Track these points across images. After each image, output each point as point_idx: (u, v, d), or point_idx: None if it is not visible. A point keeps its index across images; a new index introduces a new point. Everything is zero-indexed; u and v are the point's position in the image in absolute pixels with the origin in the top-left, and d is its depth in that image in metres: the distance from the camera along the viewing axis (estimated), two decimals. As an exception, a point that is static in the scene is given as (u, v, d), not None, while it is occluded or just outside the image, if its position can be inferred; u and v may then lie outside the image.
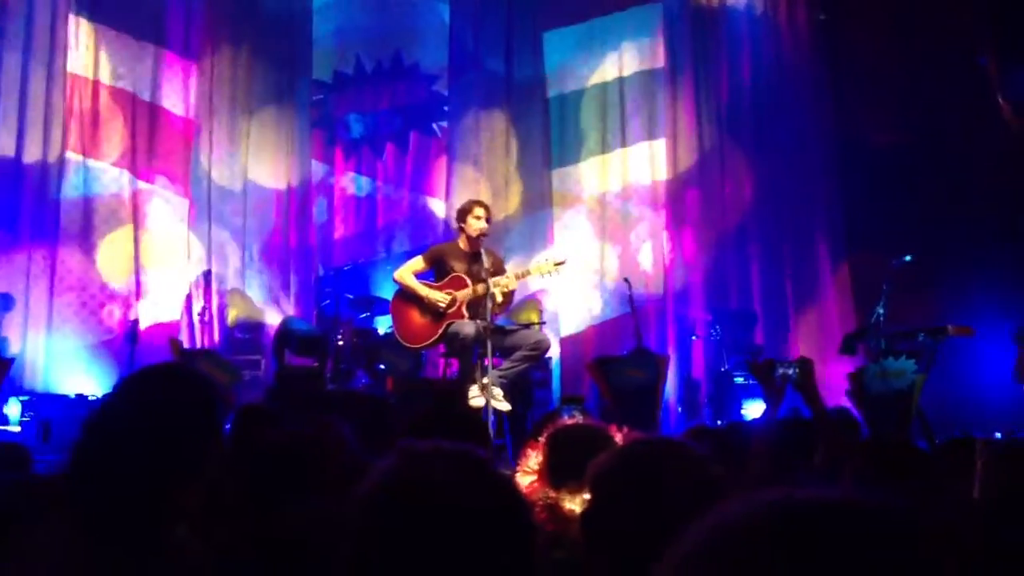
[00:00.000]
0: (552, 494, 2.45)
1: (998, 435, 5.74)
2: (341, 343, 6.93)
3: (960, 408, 6.86)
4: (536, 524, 1.42)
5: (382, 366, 6.64)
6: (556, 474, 2.59)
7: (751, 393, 7.05)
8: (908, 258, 6.54)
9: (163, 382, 1.86)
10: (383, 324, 7.14)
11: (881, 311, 6.33)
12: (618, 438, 2.69)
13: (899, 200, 7.83)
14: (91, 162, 7.72)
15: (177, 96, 8.07)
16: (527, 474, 2.71)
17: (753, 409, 6.83)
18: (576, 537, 2.00)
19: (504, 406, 5.53)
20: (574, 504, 2.29)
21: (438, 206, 8.42)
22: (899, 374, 5.77)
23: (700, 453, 2.07)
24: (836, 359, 7.12)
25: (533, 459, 2.65)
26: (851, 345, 6.70)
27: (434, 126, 8.69)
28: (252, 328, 7.64)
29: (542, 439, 2.61)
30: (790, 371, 2.97)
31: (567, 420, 2.72)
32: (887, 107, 8.25)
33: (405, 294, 5.93)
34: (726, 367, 7.50)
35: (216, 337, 7.55)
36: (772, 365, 3.14)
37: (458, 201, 7.02)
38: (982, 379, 7.32)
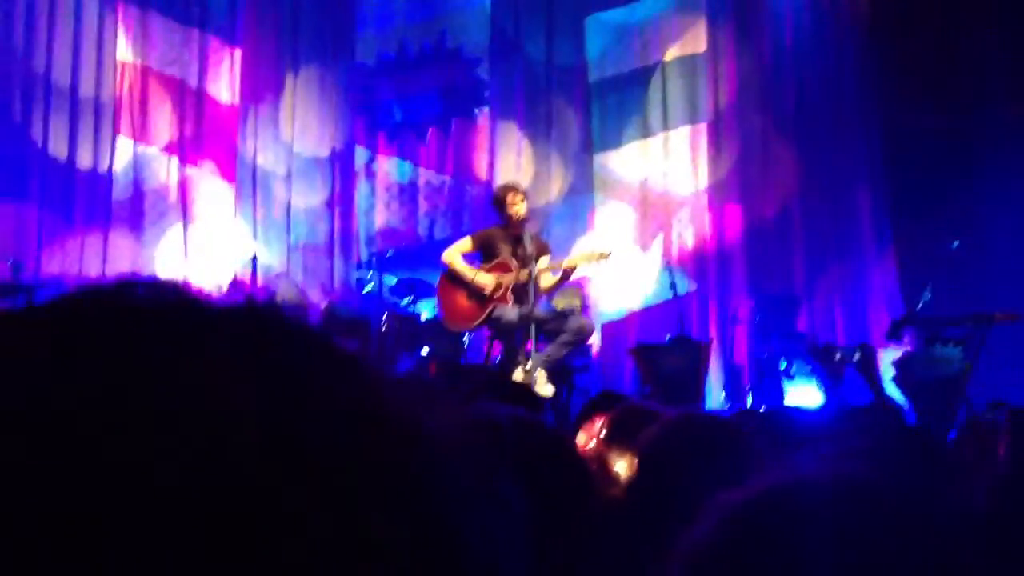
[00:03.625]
0: (603, 453, 2.52)
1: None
2: (384, 328, 6.99)
3: (1009, 396, 6.76)
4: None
5: (425, 350, 6.69)
6: (611, 439, 2.64)
7: (794, 379, 7.01)
8: (955, 244, 6.46)
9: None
10: (426, 309, 7.19)
11: (928, 297, 6.26)
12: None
13: (948, 183, 7.71)
14: (141, 148, 7.85)
15: (223, 81, 8.17)
16: (589, 436, 2.78)
17: (796, 395, 6.79)
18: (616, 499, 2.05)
19: (547, 391, 5.56)
20: (620, 466, 2.35)
21: (480, 191, 8.45)
22: (946, 361, 5.71)
23: (749, 435, 2.08)
24: (882, 345, 7.05)
25: (597, 426, 2.73)
26: (898, 331, 6.62)
27: (476, 111, 8.71)
28: (297, 312, 7.71)
29: (608, 414, 2.68)
30: (854, 356, 2.95)
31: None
32: (936, 87, 8.12)
33: (451, 276, 5.98)
34: (769, 353, 7.46)
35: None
36: (831, 349, 3.15)
37: (500, 185, 7.04)
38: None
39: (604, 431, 2.61)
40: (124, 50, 7.89)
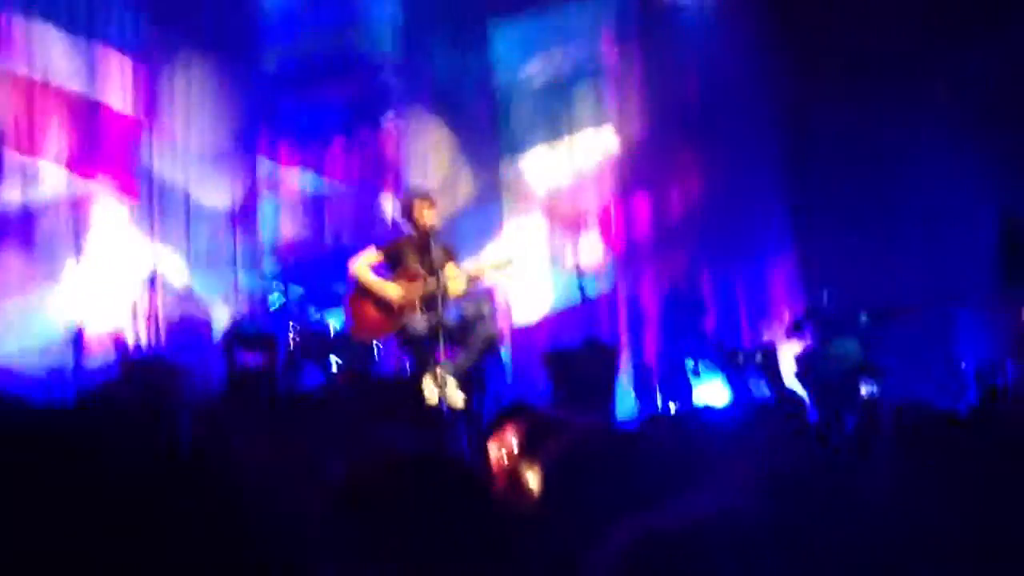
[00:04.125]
0: (513, 466, 2.53)
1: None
2: (292, 342, 6.87)
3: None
4: None
5: (335, 363, 6.60)
6: (522, 451, 2.65)
7: (701, 378, 7.15)
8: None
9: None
10: (334, 321, 7.10)
11: (827, 292, 6.44)
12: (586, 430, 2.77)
13: (848, 180, 7.95)
14: (30, 163, 7.53)
15: (116, 91, 7.90)
16: (496, 451, 2.78)
17: (704, 393, 6.92)
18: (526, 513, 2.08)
19: (458, 400, 5.54)
20: (530, 479, 2.37)
21: (388, 200, 8.37)
22: (845, 356, 5.89)
23: (659, 445, 2.10)
24: (785, 341, 7.23)
25: (503, 437, 2.73)
26: (799, 328, 6.82)
27: (383, 118, 8.63)
28: (200, 328, 7.53)
29: (514, 425, 2.67)
30: (756, 358, 3.03)
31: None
32: (837, 84, 8.33)
33: (359, 288, 5.91)
34: (677, 353, 7.59)
35: (163, 339, 7.43)
36: (735, 353, 3.23)
37: (407, 193, 7.00)
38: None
39: (514, 444, 2.61)
40: (8, 62, 7.57)
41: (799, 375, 6.07)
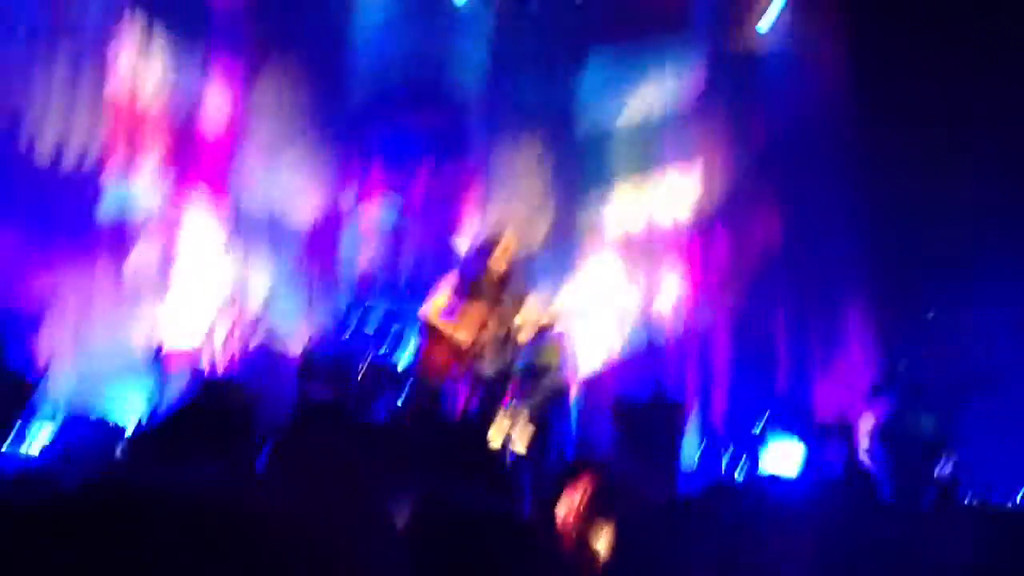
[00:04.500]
0: (579, 530, 2.52)
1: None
2: (362, 376, 6.95)
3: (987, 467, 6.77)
4: None
5: (401, 400, 6.64)
6: (587, 514, 2.63)
7: (770, 440, 7.01)
8: (930, 315, 6.50)
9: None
10: (404, 358, 7.15)
11: (906, 363, 6.28)
12: (652, 492, 2.74)
13: (930, 245, 7.76)
14: (129, 180, 7.80)
15: (215, 115, 8.16)
16: (563, 511, 2.76)
17: (772, 459, 6.78)
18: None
19: (524, 445, 5.52)
20: (596, 543, 2.36)
21: (468, 237, 8.44)
22: (922, 430, 5.71)
23: (727, 519, 2.07)
24: (859, 408, 7.04)
25: (570, 495, 2.71)
26: (876, 395, 6.64)
27: (466, 154, 8.74)
28: (275, 356, 7.67)
29: (585, 486, 2.67)
30: (833, 431, 2.96)
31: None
32: (922, 153, 8.20)
33: (431, 326, 5.95)
34: (746, 415, 7.46)
35: (240, 364, 7.58)
36: (812, 421, 3.18)
37: (485, 232, 7.05)
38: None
39: (581, 504, 2.59)
40: (118, 80, 7.87)
41: (874, 447, 5.90)
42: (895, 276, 7.90)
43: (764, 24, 8.78)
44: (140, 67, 7.89)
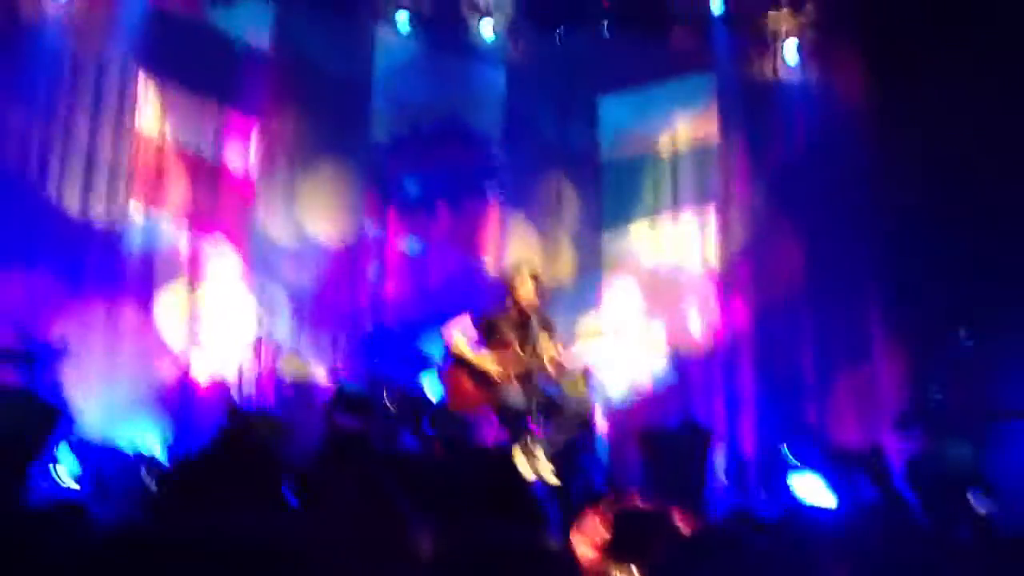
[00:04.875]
0: (604, 565, 2.48)
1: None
2: (390, 405, 6.97)
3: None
4: None
5: (430, 430, 6.65)
6: (618, 551, 2.60)
7: (800, 469, 6.94)
8: (962, 333, 6.43)
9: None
10: (432, 387, 7.17)
11: (936, 390, 6.21)
12: (678, 523, 2.69)
13: (957, 273, 7.70)
14: (153, 218, 7.91)
15: (237, 154, 8.26)
16: (588, 545, 2.72)
17: (803, 489, 6.70)
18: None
19: (550, 475, 5.50)
20: None
21: (490, 269, 8.48)
22: (956, 458, 5.64)
23: (761, 551, 2.04)
24: (891, 436, 6.98)
25: (597, 531, 2.68)
26: (907, 424, 6.57)
27: (487, 189, 8.78)
28: (303, 386, 7.71)
29: (608, 515, 2.63)
30: (865, 459, 2.93)
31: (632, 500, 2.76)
32: (945, 180, 8.17)
33: (456, 357, 5.96)
34: (775, 443, 7.39)
35: (267, 394, 7.63)
36: (842, 452, 3.15)
37: (510, 265, 7.07)
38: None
39: (606, 537, 2.56)
40: (142, 120, 8.00)
41: (907, 476, 5.82)
42: (923, 302, 7.83)
43: (788, 57, 8.80)
44: (162, 110, 8.02)
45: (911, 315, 8.01)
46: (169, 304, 7.81)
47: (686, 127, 8.84)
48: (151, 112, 8.03)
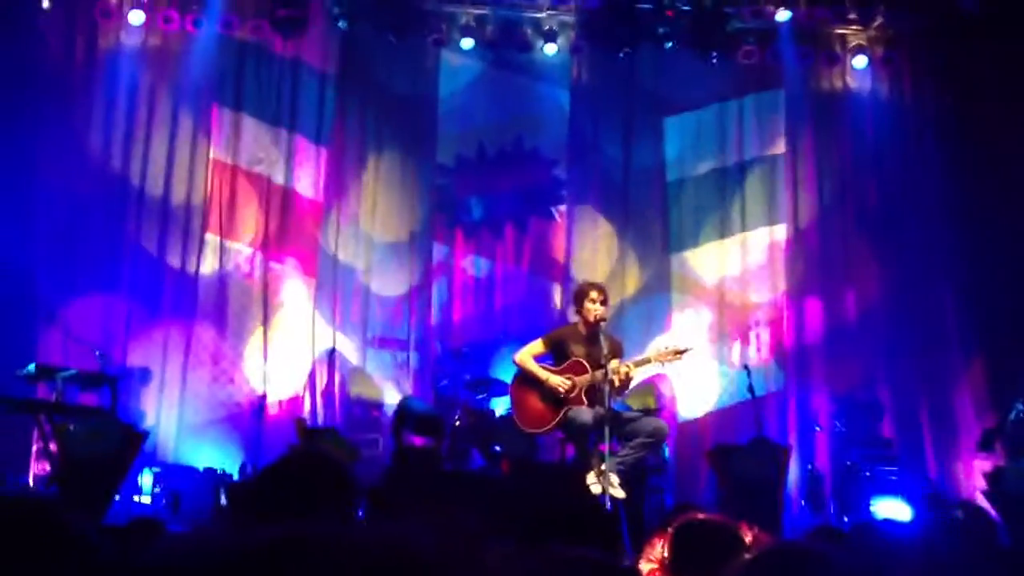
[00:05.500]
0: None
1: None
2: (458, 423, 6.99)
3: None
4: None
5: (498, 448, 6.65)
6: (680, 568, 2.54)
7: (879, 489, 6.76)
8: None
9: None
10: (500, 406, 7.17)
11: (1021, 407, 6.01)
12: (748, 538, 2.62)
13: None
14: (228, 243, 8.10)
15: (308, 179, 8.42)
16: (650, 562, 2.67)
17: (882, 506, 6.52)
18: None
19: (620, 493, 5.45)
20: None
21: (556, 289, 8.47)
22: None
23: (842, 566, 1.99)
24: (971, 456, 6.77)
25: (658, 549, 2.62)
26: (990, 441, 6.36)
27: (553, 209, 8.79)
28: (372, 406, 7.78)
29: (670, 530, 2.58)
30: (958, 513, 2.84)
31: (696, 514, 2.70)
32: (1020, 192, 7.95)
33: (525, 378, 5.96)
34: (852, 460, 7.21)
35: (337, 415, 7.72)
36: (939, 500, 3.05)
37: (576, 284, 7.05)
38: None
39: (667, 553, 2.50)
40: (214, 150, 8.22)
41: (989, 493, 5.63)
42: (1002, 317, 7.60)
43: (856, 72, 8.67)
44: (236, 137, 8.23)
45: (991, 330, 7.78)
46: (242, 327, 7.98)
47: (753, 144, 8.75)
48: (224, 140, 8.25)
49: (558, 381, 5.81)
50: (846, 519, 6.59)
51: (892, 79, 8.71)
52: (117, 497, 5.97)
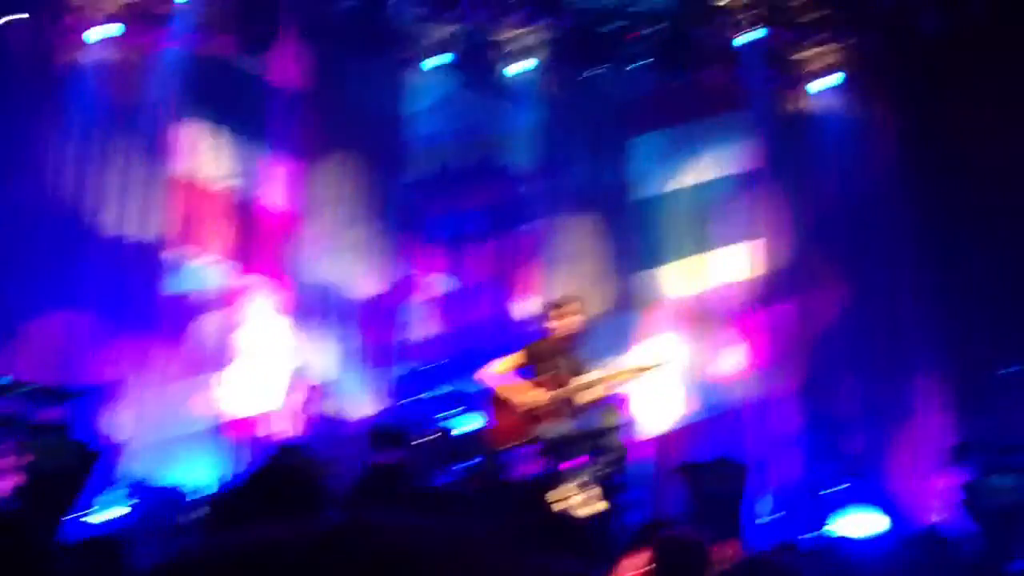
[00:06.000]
0: None
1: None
2: (427, 440, 6.95)
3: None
4: None
5: (467, 464, 6.62)
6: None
7: (842, 504, 6.82)
8: (1010, 370, 6.33)
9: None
10: (470, 421, 7.15)
11: (984, 423, 6.10)
12: (727, 553, 2.66)
13: (1002, 308, 7.60)
14: (196, 258, 8.02)
15: (278, 195, 8.38)
16: (628, 573, 2.68)
17: (846, 521, 6.58)
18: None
19: (590, 508, 5.45)
20: None
21: (523, 307, 8.48)
22: (1011, 490, 5.51)
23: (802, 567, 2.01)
24: (935, 472, 6.85)
25: (637, 562, 2.64)
26: (963, 455, 6.44)
27: (521, 227, 8.81)
28: (340, 423, 7.72)
29: (652, 543, 2.60)
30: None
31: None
32: (983, 212, 8.10)
33: (495, 391, 5.95)
34: (815, 475, 7.28)
35: (306, 431, 7.65)
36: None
37: (545, 300, 7.06)
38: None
39: (648, 569, 2.52)
40: (181, 164, 8.15)
41: (965, 505, 5.69)
42: (970, 332, 7.72)
43: (821, 92, 8.82)
44: (202, 153, 8.16)
45: (958, 345, 7.90)
46: (210, 343, 7.89)
47: (720, 163, 8.85)
48: (190, 155, 8.18)
49: (529, 394, 5.81)
50: (809, 535, 6.64)
51: (855, 98, 8.86)
52: (79, 514, 5.86)
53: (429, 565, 0.88)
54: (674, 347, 8.37)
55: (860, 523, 6.38)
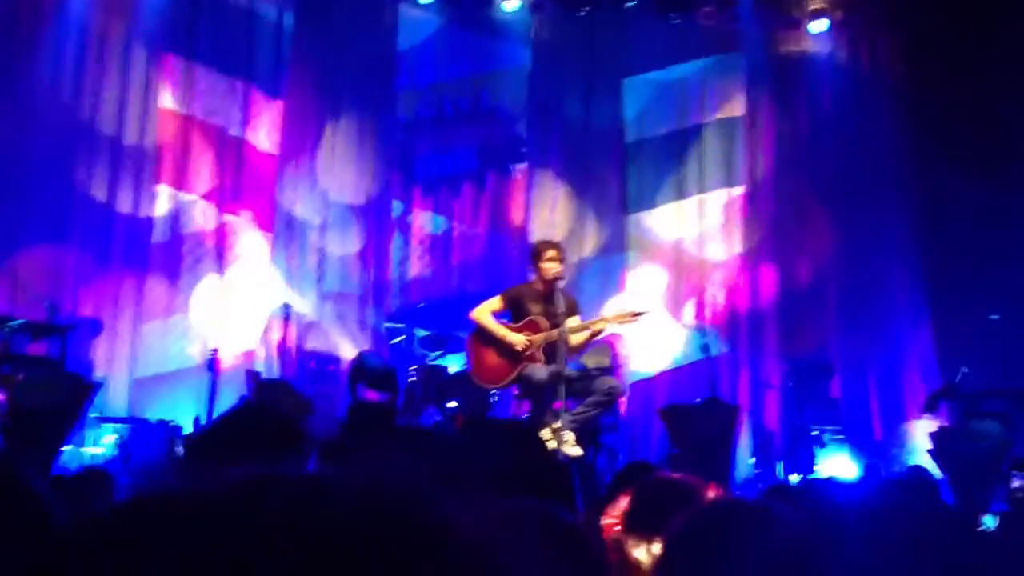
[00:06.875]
0: (623, 539, 2.44)
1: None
2: (413, 379, 6.99)
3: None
4: None
5: (452, 404, 6.66)
6: (634, 520, 2.57)
7: (826, 447, 6.90)
8: (995, 316, 6.36)
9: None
10: (455, 362, 7.18)
11: (966, 370, 6.14)
12: (709, 495, 2.67)
13: (988, 253, 7.62)
14: (181, 195, 7.95)
15: (264, 132, 8.28)
16: (612, 518, 2.70)
17: (827, 464, 6.67)
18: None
19: (575, 451, 5.49)
20: (640, 553, 2.28)
21: (514, 246, 8.46)
22: (984, 436, 5.58)
23: (787, 521, 2.02)
24: (916, 417, 6.92)
25: (621, 505, 2.65)
26: (935, 403, 6.51)
27: (512, 167, 8.76)
28: (327, 361, 7.74)
29: (627, 484, 2.61)
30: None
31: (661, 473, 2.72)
32: (977, 154, 8.06)
33: (481, 334, 5.95)
34: (801, 420, 7.35)
35: (291, 368, 7.67)
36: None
37: (533, 242, 7.04)
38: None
39: (627, 511, 2.53)
40: (168, 99, 8.03)
41: (934, 453, 5.77)
42: (953, 280, 7.74)
43: (816, 35, 8.70)
44: (187, 89, 8.03)
45: (941, 293, 7.94)
46: (195, 280, 7.86)
47: (712, 106, 8.77)
48: (178, 89, 8.06)
49: (515, 337, 5.81)
50: (795, 477, 6.73)
51: (851, 43, 8.76)
52: (66, 448, 5.90)
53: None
54: (659, 291, 8.38)
55: (840, 467, 6.47)
